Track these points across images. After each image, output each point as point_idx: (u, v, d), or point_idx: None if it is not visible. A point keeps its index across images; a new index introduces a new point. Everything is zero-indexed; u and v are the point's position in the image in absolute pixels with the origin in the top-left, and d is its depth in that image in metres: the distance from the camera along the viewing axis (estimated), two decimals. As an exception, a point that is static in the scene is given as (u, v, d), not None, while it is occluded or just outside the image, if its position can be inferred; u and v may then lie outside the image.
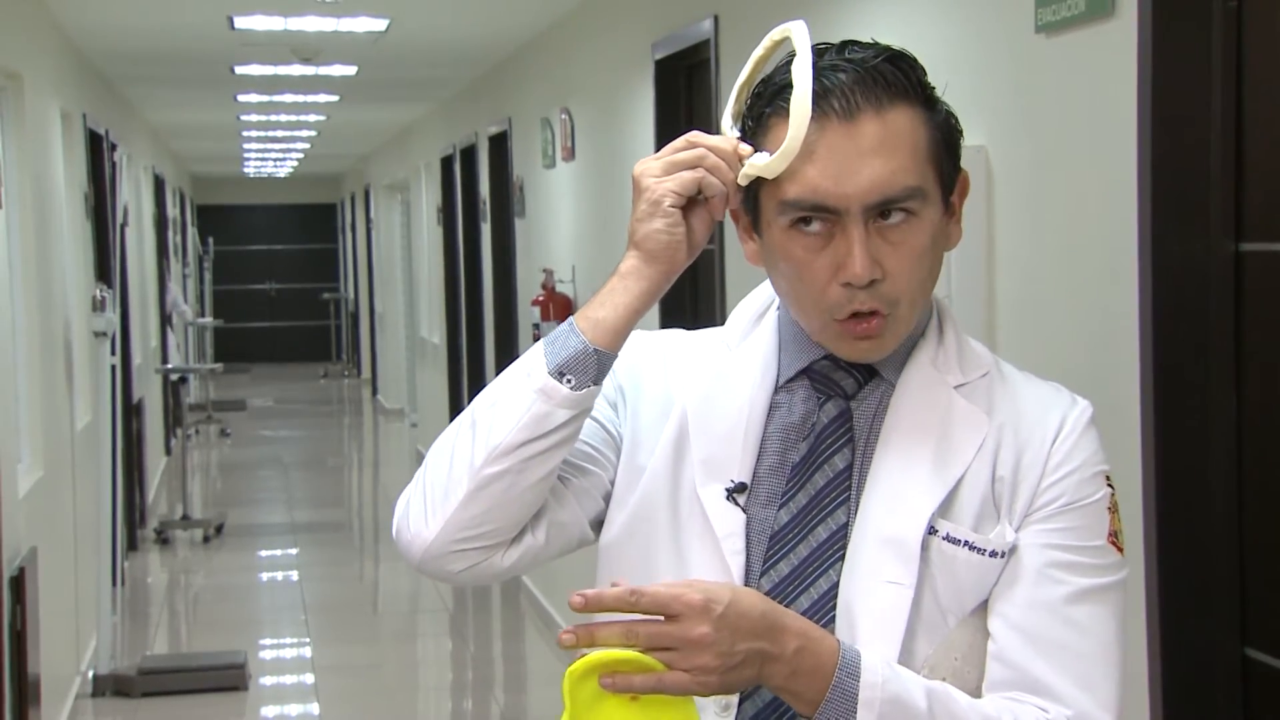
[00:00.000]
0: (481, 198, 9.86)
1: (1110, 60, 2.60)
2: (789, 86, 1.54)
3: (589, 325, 1.55)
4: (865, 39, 1.62)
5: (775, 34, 1.58)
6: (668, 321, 5.54)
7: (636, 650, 1.40)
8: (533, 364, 1.56)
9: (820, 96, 1.52)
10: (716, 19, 4.88)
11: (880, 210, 1.52)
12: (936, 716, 1.45)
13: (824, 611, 1.54)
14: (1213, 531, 2.46)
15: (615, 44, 6.31)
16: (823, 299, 1.54)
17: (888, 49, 1.57)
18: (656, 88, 5.60)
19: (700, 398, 1.64)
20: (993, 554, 1.53)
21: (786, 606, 1.52)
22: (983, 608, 1.54)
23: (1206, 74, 2.43)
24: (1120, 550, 1.57)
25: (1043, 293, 2.88)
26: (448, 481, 1.56)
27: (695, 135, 1.57)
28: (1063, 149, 2.80)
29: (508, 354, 9.14)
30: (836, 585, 1.54)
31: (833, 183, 1.51)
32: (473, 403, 1.60)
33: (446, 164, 11.46)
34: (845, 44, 1.58)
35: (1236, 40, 2.42)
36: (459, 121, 10.85)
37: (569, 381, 1.54)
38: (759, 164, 1.52)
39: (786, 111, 1.53)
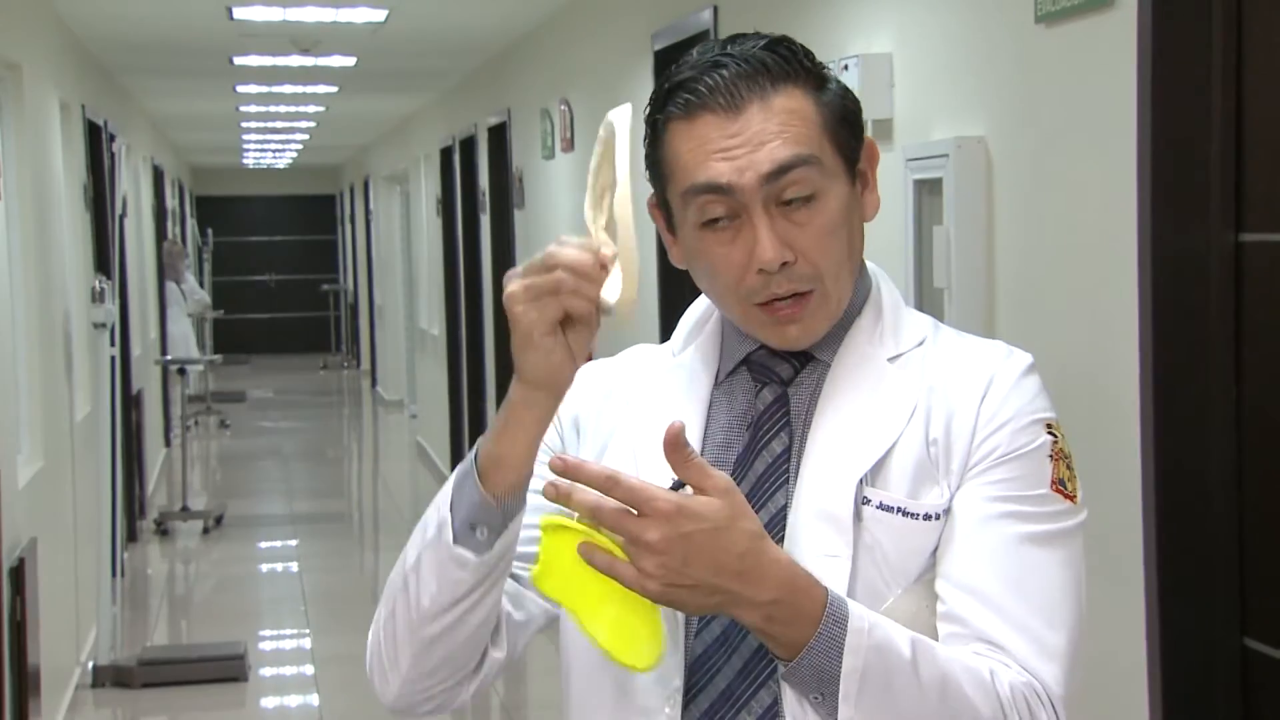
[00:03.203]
0: (481, 189, 9.86)
1: (1110, 50, 2.60)
2: (681, 85, 1.57)
3: (491, 465, 1.53)
4: (749, 31, 1.64)
5: (610, 117, 1.54)
6: (667, 312, 5.54)
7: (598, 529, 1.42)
8: (442, 519, 1.55)
9: (706, 94, 1.54)
10: (716, 9, 4.88)
11: (782, 194, 1.53)
12: (920, 663, 1.45)
13: None
14: (1212, 521, 2.46)
15: (615, 34, 6.31)
16: (740, 288, 1.56)
17: (768, 37, 1.59)
18: (656, 78, 5.59)
19: (643, 407, 1.66)
20: (927, 517, 1.53)
21: None
22: (929, 574, 1.53)
23: (1206, 64, 2.43)
24: (1069, 498, 1.54)
25: (1042, 283, 2.88)
26: (395, 644, 1.60)
27: (554, 252, 1.49)
28: (1063, 139, 2.80)
29: (507, 345, 9.11)
30: None
31: (726, 166, 1.53)
32: (406, 548, 1.61)
33: (446, 155, 11.46)
34: (730, 39, 1.60)
35: (1236, 30, 2.42)
36: (458, 112, 10.85)
37: (481, 532, 1.54)
38: (607, 305, 1.49)
39: (681, 114, 1.56)
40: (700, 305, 1.71)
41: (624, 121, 1.50)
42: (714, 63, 1.56)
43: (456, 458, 11.25)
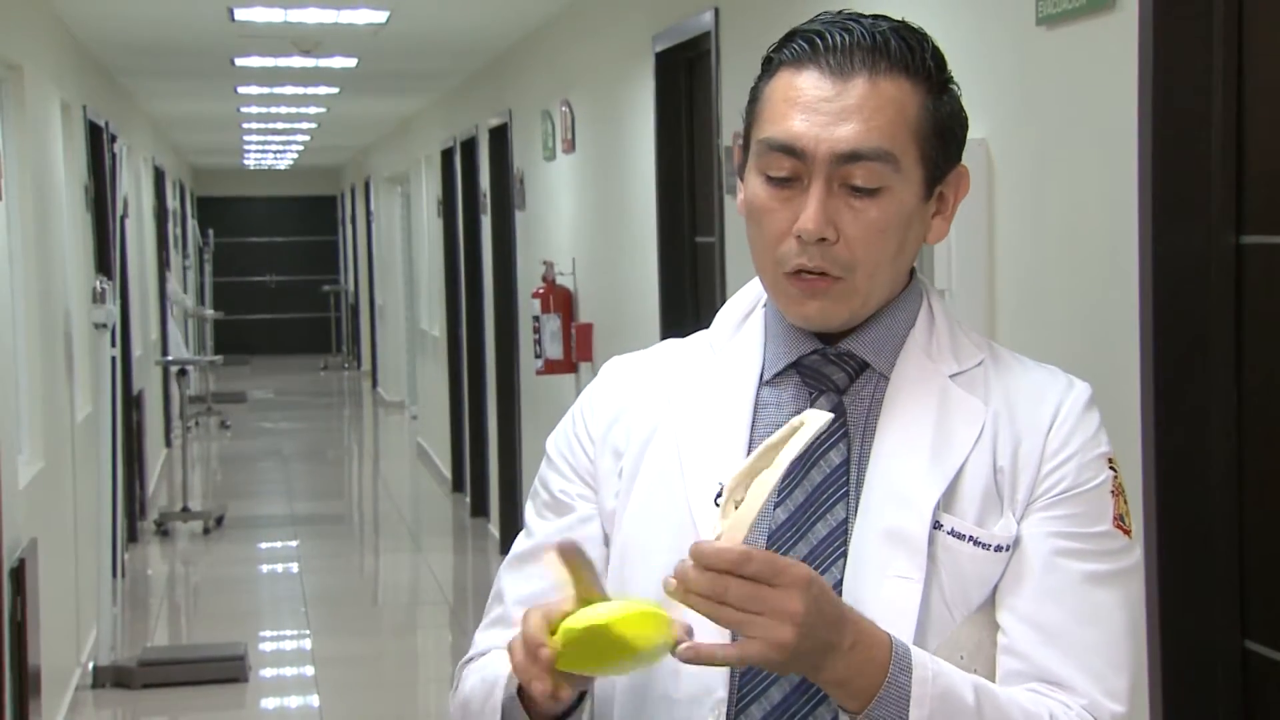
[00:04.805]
0: (482, 190, 9.86)
1: (1111, 53, 2.60)
2: (803, 34, 1.55)
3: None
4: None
5: (795, 421, 1.45)
6: (668, 312, 5.54)
7: (717, 604, 1.35)
8: None
9: (822, 50, 1.52)
10: (717, 11, 4.88)
11: (849, 178, 1.51)
12: (984, 711, 1.44)
13: None
14: (1213, 524, 2.46)
15: (616, 36, 6.31)
16: (776, 249, 1.54)
17: (901, 23, 1.56)
18: (657, 80, 5.60)
19: (684, 406, 1.62)
20: (997, 548, 1.51)
21: None
22: (989, 604, 1.52)
23: (1207, 66, 2.43)
24: (1128, 533, 1.55)
25: (1043, 285, 2.88)
26: None
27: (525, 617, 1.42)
28: (1064, 142, 2.80)
29: (508, 346, 9.15)
30: (840, 583, 1.51)
31: (806, 128, 1.51)
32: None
33: (447, 156, 11.46)
34: (872, 15, 1.57)
35: (1237, 32, 2.41)
36: (459, 114, 10.84)
37: None
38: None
39: (792, 61, 1.53)
40: (742, 298, 1.69)
41: (815, 425, 1.43)
42: (843, 24, 1.54)
43: (457, 459, 11.25)
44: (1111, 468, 1.56)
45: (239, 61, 9.50)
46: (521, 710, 1.52)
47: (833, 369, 1.59)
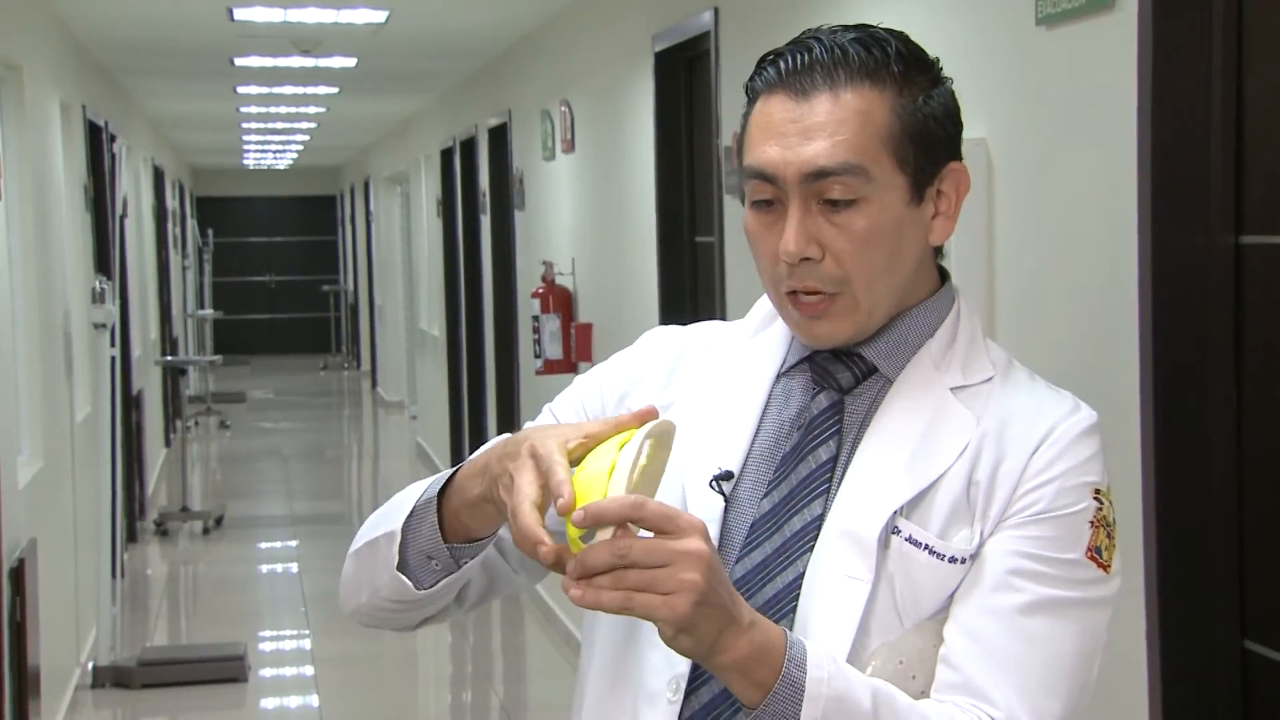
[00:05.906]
0: (481, 190, 9.86)
1: (1111, 53, 2.60)
2: (770, 60, 1.56)
3: (457, 524, 1.55)
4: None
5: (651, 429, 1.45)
6: (667, 312, 5.54)
7: (625, 566, 1.34)
8: (392, 534, 1.58)
9: (785, 74, 1.54)
10: (717, 11, 4.88)
11: (824, 193, 1.52)
12: (880, 716, 1.43)
13: (786, 602, 1.53)
14: (1212, 523, 2.46)
15: (615, 36, 6.31)
16: (772, 273, 1.57)
17: (864, 29, 1.56)
18: (656, 80, 5.60)
19: (702, 388, 1.65)
20: (953, 560, 1.50)
21: (753, 595, 1.52)
22: (941, 614, 1.51)
23: (1207, 66, 2.43)
24: (1104, 567, 1.51)
25: (1043, 285, 2.88)
26: (358, 585, 1.66)
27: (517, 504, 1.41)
28: (1063, 142, 2.80)
29: (507, 346, 9.15)
30: (802, 576, 1.52)
31: (776, 152, 1.52)
32: (388, 506, 1.63)
33: (446, 156, 11.46)
34: (837, 27, 1.58)
35: (1237, 33, 2.42)
36: (459, 113, 10.85)
37: (436, 564, 1.57)
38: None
39: (762, 89, 1.56)
40: None
41: (645, 428, 1.44)
42: (804, 44, 1.55)
43: (457, 459, 11.24)
44: (1098, 499, 1.52)
45: (239, 61, 9.50)
46: (434, 521, 1.55)
47: (840, 368, 1.59)
